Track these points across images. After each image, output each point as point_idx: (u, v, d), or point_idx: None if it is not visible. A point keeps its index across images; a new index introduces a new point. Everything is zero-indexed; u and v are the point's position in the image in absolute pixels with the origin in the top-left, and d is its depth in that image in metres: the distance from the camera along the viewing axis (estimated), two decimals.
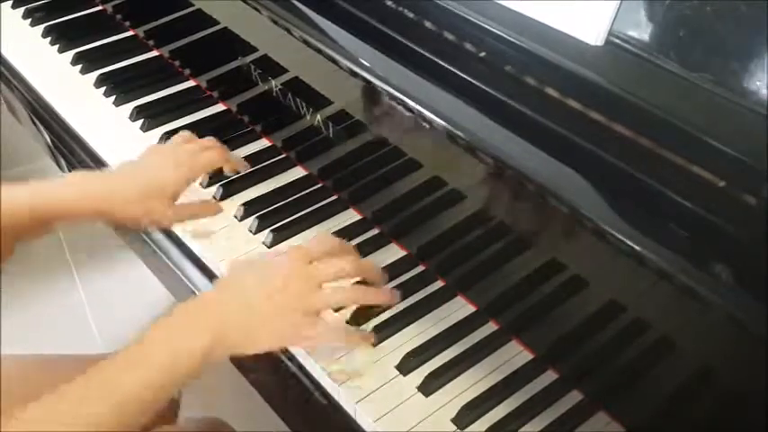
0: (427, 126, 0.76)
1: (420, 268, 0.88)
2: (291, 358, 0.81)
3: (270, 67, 0.98)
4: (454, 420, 0.74)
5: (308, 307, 0.68)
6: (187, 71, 1.16)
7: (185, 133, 0.90)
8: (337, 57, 0.82)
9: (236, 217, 0.93)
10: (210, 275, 0.90)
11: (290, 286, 0.68)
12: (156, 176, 0.82)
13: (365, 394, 0.75)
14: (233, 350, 0.68)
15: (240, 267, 0.72)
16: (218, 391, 1.45)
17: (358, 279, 0.75)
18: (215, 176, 0.98)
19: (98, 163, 1.05)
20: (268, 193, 0.97)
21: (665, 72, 0.69)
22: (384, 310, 0.82)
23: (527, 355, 0.80)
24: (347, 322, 0.80)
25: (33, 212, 0.78)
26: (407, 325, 0.82)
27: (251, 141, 1.05)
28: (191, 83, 1.15)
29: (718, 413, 0.64)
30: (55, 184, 0.81)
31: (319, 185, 0.98)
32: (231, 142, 1.04)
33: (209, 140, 0.89)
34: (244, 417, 1.21)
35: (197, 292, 0.91)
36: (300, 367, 0.80)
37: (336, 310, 0.79)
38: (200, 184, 0.98)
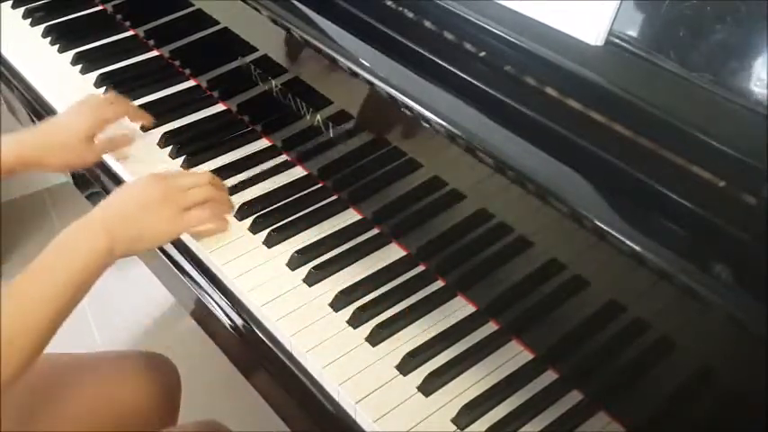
0: (427, 126, 0.76)
1: (420, 268, 0.88)
2: (291, 357, 0.81)
3: (270, 67, 0.98)
4: (454, 420, 0.74)
5: (177, 204, 0.85)
6: (187, 71, 1.16)
7: (92, 93, 1.06)
8: (337, 57, 0.82)
9: (236, 217, 0.93)
10: (211, 275, 0.90)
11: (160, 192, 0.84)
12: (60, 124, 0.97)
13: (365, 394, 0.75)
14: (129, 247, 0.81)
15: (116, 190, 0.86)
16: (218, 393, 1.45)
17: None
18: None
19: (98, 163, 1.05)
20: (268, 192, 0.97)
21: (665, 72, 0.69)
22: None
23: (527, 355, 0.80)
24: None
25: None
26: (407, 325, 0.82)
27: (251, 141, 1.05)
28: (191, 83, 1.15)
29: (718, 413, 0.64)
30: None
31: (319, 185, 0.98)
32: (231, 142, 1.04)
33: (113, 96, 1.04)
34: (244, 418, 1.21)
35: (197, 293, 0.91)
36: (300, 367, 0.80)
37: None
38: None
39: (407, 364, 0.78)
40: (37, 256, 0.75)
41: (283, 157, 1.02)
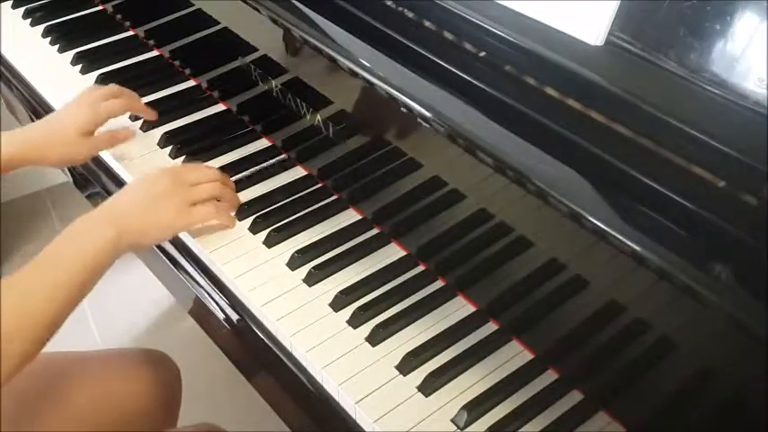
0: (427, 126, 0.76)
1: (420, 268, 0.88)
2: (291, 357, 0.81)
3: (270, 67, 0.98)
4: (454, 420, 0.74)
5: (185, 199, 0.86)
6: (187, 71, 1.16)
7: (93, 86, 1.04)
8: (337, 57, 0.82)
9: (236, 217, 0.93)
10: (211, 275, 0.90)
11: (168, 186, 0.86)
12: (59, 119, 0.97)
13: (365, 394, 0.75)
14: (136, 239, 0.82)
15: (126, 185, 0.89)
16: (218, 393, 1.45)
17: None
18: None
19: (98, 163, 1.05)
20: (268, 192, 0.97)
21: (665, 72, 0.69)
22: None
23: (527, 355, 0.80)
24: None
25: None
26: (407, 325, 0.82)
27: (251, 141, 1.05)
28: (191, 83, 1.15)
29: (718, 413, 0.64)
30: None
31: (319, 185, 0.98)
32: (231, 142, 1.04)
33: (117, 89, 1.01)
34: (244, 418, 1.21)
35: (197, 292, 0.91)
36: (300, 367, 0.80)
37: None
38: None
39: (407, 364, 0.78)
40: (44, 248, 0.75)
41: (283, 158, 1.02)
